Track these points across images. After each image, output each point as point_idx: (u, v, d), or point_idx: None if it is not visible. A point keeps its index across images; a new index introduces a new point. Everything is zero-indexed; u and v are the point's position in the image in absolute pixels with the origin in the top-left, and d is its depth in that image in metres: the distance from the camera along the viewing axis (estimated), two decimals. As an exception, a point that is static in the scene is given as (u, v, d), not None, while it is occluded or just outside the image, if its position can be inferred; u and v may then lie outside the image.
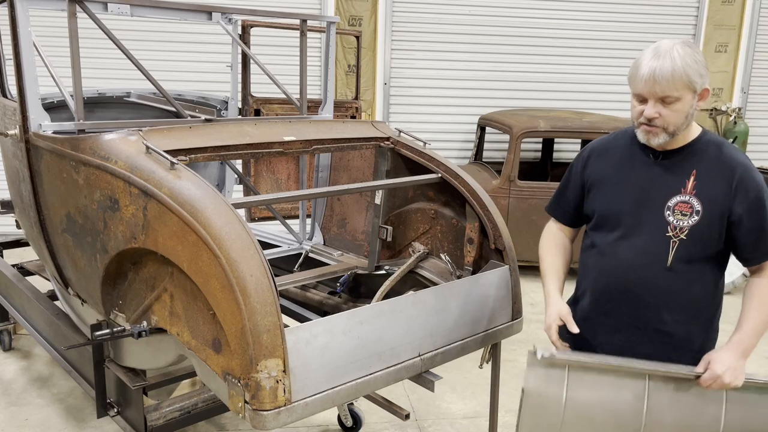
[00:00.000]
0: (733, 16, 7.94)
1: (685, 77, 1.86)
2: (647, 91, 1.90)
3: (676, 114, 1.90)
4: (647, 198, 2.02)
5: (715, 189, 1.95)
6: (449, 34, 7.49)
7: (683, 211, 1.96)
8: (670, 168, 2.01)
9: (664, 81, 1.86)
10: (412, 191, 3.16)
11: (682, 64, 1.85)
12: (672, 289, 2.01)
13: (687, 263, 1.99)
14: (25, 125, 2.71)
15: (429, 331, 2.39)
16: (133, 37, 5.59)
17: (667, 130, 1.93)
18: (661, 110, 1.90)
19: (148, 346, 2.67)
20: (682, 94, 1.88)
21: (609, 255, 2.09)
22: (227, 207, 2.05)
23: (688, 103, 1.90)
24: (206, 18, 3.41)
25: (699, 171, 1.97)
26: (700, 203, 1.95)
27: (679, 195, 1.97)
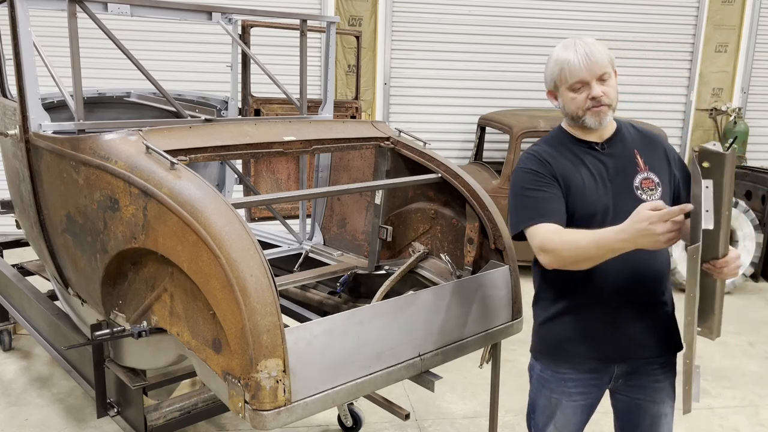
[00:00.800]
0: (733, 16, 7.94)
1: (608, 55, 2.05)
2: (588, 73, 2.01)
3: (613, 90, 2.06)
4: (616, 185, 2.09)
5: (657, 161, 2.12)
6: (449, 34, 7.49)
7: (649, 187, 2.09)
8: (616, 154, 2.12)
9: (596, 60, 2.01)
10: (412, 191, 3.16)
11: (600, 45, 2.04)
12: (663, 260, 2.16)
13: None
14: (25, 125, 2.71)
15: (429, 331, 2.39)
16: (133, 37, 5.59)
17: (611, 107, 2.07)
18: (603, 88, 2.04)
19: (148, 346, 2.67)
20: (610, 71, 2.05)
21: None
22: (227, 207, 2.04)
23: (615, 79, 2.07)
24: (206, 18, 3.41)
25: (638, 150, 2.13)
26: (657, 176, 2.10)
27: (639, 173, 2.09)
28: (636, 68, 7.77)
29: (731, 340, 5.03)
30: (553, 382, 2.24)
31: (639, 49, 7.78)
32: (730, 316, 5.56)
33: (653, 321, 2.16)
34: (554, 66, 2.06)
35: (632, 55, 7.76)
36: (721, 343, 4.91)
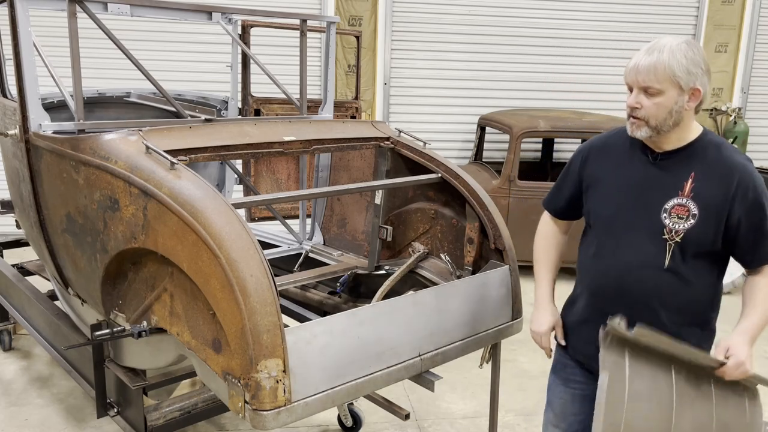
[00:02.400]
0: (733, 16, 7.94)
1: (668, 70, 1.85)
2: (632, 79, 1.92)
3: (657, 107, 1.89)
4: (644, 199, 2.00)
5: (714, 191, 1.92)
6: (449, 34, 7.49)
7: (680, 214, 1.94)
8: (667, 169, 1.99)
9: (644, 70, 1.88)
10: (412, 191, 3.16)
11: (668, 58, 1.85)
12: (668, 290, 2.00)
13: (684, 265, 1.98)
14: (25, 125, 2.71)
15: (429, 331, 2.39)
16: (133, 37, 5.58)
17: (648, 123, 1.92)
18: (642, 101, 1.90)
19: (148, 346, 2.67)
20: (664, 87, 1.87)
21: (606, 256, 2.09)
22: (227, 207, 2.04)
23: (671, 99, 1.88)
24: (206, 18, 3.41)
25: (697, 173, 1.95)
26: (697, 206, 1.93)
27: (677, 197, 1.95)
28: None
29: (731, 340, 5.02)
30: (558, 365, 2.34)
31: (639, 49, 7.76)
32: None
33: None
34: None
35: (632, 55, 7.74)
36: (721, 343, 4.90)
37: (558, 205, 2.31)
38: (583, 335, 2.18)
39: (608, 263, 2.08)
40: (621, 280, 2.04)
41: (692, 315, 2.05)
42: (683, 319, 2.04)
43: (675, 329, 2.02)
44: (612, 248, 2.07)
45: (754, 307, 1.99)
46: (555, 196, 2.32)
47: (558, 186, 2.30)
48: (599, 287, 2.12)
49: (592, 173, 2.15)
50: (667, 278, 1.99)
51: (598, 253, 2.12)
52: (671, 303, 2.02)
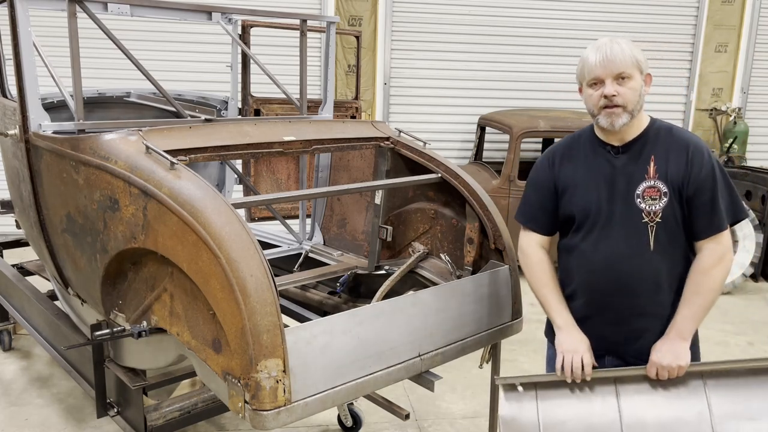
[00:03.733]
0: (733, 16, 7.94)
1: (632, 55, 2.02)
2: (603, 71, 2.02)
3: (632, 92, 2.03)
4: (616, 191, 2.10)
5: (673, 168, 2.05)
6: (449, 34, 7.49)
7: (652, 196, 2.05)
8: (630, 158, 2.10)
9: (617, 58, 2.01)
10: (412, 191, 3.16)
11: (627, 46, 2.03)
12: (660, 271, 2.08)
13: (669, 244, 2.07)
14: (25, 125, 2.71)
15: (429, 331, 2.39)
16: (133, 37, 5.58)
17: (626, 109, 2.03)
18: (618, 88, 2.02)
19: (148, 346, 2.67)
20: (633, 72, 2.02)
21: (594, 252, 2.14)
22: (227, 207, 2.04)
23: (638, 82, 2.04)
24: (206, 18, 3.41)
25: (656, 155, 2.07)
26: (665, 184, 2.04)
27: (645, 181, 2.06)
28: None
29: (731, 340, 5.03)
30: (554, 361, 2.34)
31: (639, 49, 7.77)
32: (730, 316, 5.56)
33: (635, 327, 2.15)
34: (580, 62, 2.10)
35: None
36: (721, 343, 4.91)
37: (542, 219, 2.28)
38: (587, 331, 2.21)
39: (597, 257, 2.14)
40: (613, 271, 2.11)
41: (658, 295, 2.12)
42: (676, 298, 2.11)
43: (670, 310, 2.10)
44: (598, 242, 2.13)
45: (685, 303, 2.07)
46: (534, 210, 2.30)
47: (532, 202, 2.30)
48: (594, 283, 2.17)
49: (565, 178, 2.21)
50: (655, 260, 2.07)
51: (586, 250, 2.17)
52: (664, 283, 2.09)
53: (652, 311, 2.12)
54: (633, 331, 2.15)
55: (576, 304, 2.24)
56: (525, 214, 2.33)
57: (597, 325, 2.20)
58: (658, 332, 2.12)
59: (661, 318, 2.12)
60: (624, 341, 2.18)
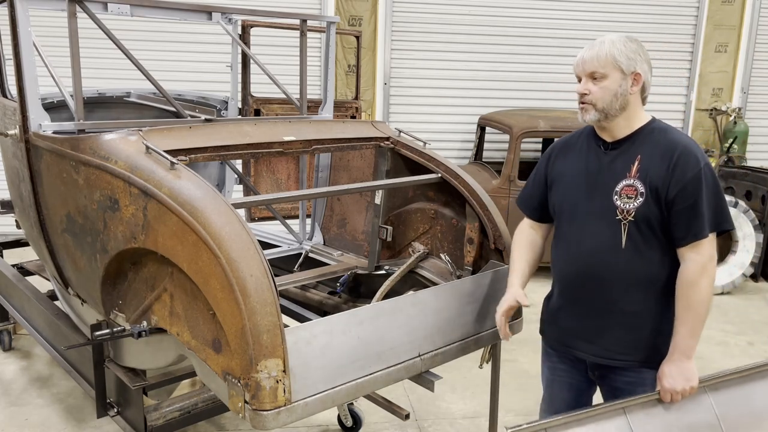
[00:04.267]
0: (733, 16, 7.94)
1: (609, 55, 2.03)
2: (578, 69, 2.09)
3: (603, 91, 2.05)
4: (598, 185, 2.12)
5: (656, 169, 2.03)
6: (449, 34, 7.49)
7: (629, 194, 2.05)
8: (618, 155, 2.11)
9: (589, 58, 2.05)
10: (412, 191, 3.16)
11: (609, 46, 2.04)
12: (631, 269, 2.08)
13: (643, 244, 2.06)
14: (25, 125, 2.71)
15: (429, 331, 2.39)
16: (133, 37, 5.58)
17: (596, 107, 2.06)
18: (590, 87, 2.06)
19: (148, 346, 2.67)
20: (608, 72, 2.03)
21: (569, 243, 2.20)
22: (227, 207, 2.04)
23: (615, 82, 2.04)
24: (206, 18, 3.41)
25: (643, 155, 2.07)
26: (644, 185, 2.03)
27: (625, 179, 2.07)
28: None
29: (731, 340, 5.03)
30: (545, 353, 2.44)
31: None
32: (730, 316, 5.56)
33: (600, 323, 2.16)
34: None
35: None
36: (721, 343, 4.91)
37: (531, 205, 2.39)
38: (558, 323, 2.30)
39: (571, 251, 2.19)
40: (584, 265, 2.14)
41: (655, 292, 2.10)
42: (647, 297, 2.10)
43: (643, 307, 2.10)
44: (574, 236, 2.18)
45: (680, 321, 2.05)
46: (528, 198, 2.41)
47: (528, 187, 2.41)
48: (566, 275, 2.23)
49: (554, 171, 2.28)
50: (627, 258, 2.07)
51: (563, 244, 2.23)
52: (633, 283, 2.09)
53: (620, 308, 2.12)
54: (598, 327, 2.16)
55: (554, 294, 2.31)
56: (520, 198, 2.45)
57: (567, 317, 2.25)
58: (624, 331, 2.12)
59: (630, 316, 2.12)
60: (589, 336, 2.19)
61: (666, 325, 2.10)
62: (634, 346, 2.14)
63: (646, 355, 2.14)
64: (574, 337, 2.24)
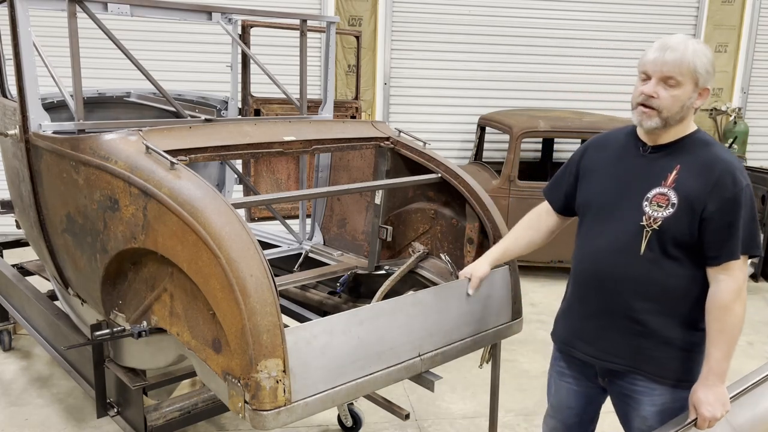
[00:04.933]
0: (733, 16, 7.94)
1: (691, 65, 1.92)
2: (652, 67, 1.95)
3: (673, 99, 1.94)
4: (629, 188, 2.07)
5: (694, 184, 1.96)
6: (449, 34, 7.49)
7: (660, 203, 1.99)
8: (656, 160, 2.04)
9: (672, 61, 1.92)
10: (412, 191, 3.16)
11: (692, 53, 1.92)
12: (643, 277, 2.03)
13: (660, 254, 2.01)
14: (25, 125, 2.71)
15: (429, 331, 2.39)
16: (133, 37, 5.58)
17: (660, 114, 1.96)
18: (660, 91, 1.95)
19: (148, 346, 2.67)
20: (684, 81, 1.93)
21: (586, 241, 2.17)
22: (227, 207, 2.04)
23: (687, 94, 1.95)
24: (206, 18, 3.41)
25: (683, 166, 1.99)
26: (677, 196, 1.97)
27: (659, 187, 2.00)
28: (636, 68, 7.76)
29: (731, 340, 5.02)
30: (554, 359, 2.39)
31: (639, 49, 7.76)
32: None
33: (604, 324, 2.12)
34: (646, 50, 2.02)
35: (632, 55, 7.76)
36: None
37: (557, 195, 2.35)
38: (565, 321, 2.29)
39: (587, 249, 2.17)
40: (596, 265, 2.12)
41: (669, 305, 2.05)
42: (658, 308, 2.05)
43: (650, 318, 2.05)
44: (593, 235, 2.14)
45: (712, 342, 2.00)
46: (554, 186, 2.37)
47: (557, 177, 2.37)
48: (579, 273, 2.21)
49: (587, 165, 2.23)
50: (641, 265, 2.03)
51: (581, 240, 2.21)
52: (646, 290, 2.04)
53: (624, 313, 2.07)
54: (599, 328, 2.14)
55: (568, 291, 2.29)
56: (547, 186, 2.41)
57: (575, 316, 2.24)
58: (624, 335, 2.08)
59: (633, 322, 2.06)
60: (589, 336, 2.17)
61: (673, 338, 2.05)
62: (633, 352, 2.09)
63: (647, 364, 2.09)
64: (575, 336, 2.23)
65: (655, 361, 2.08)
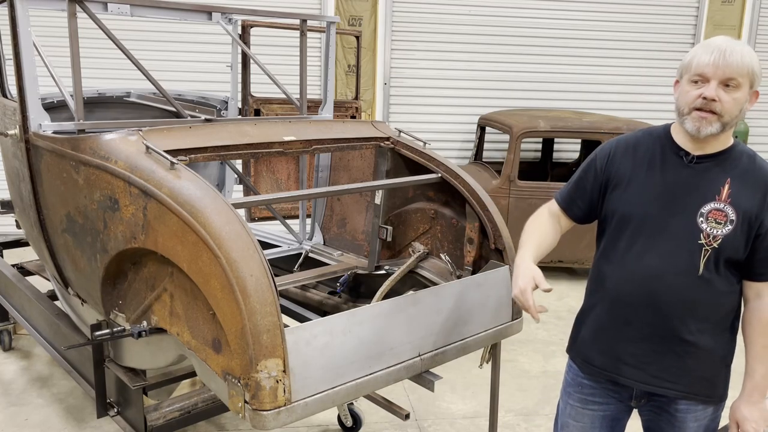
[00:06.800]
0: (733, 16, 7.93)
1: (750, 66, 1.83)
2: (713, 70, 1.82)
3: (734, 103, 1.83)
4: (678, 202, 1.93)
5: (748, 199, 1.88)
6: (449, 34, 7.49)
7: (717, 219, 1.88)
8: (703, 173, 1.92)
9: (734, 63, 1.81)
10: (412, 191, 3.16)
11: (749, 54, 1.84)
12: (700, 298, 1.93)
13: (717, 272, 1.92)
14: (25, 125, 2.71)
15: (429, 331, 2.39)
16: (133, 37, 5.59)
17: (722, 119, 1.84)
18: (721, 94, 1.83)
19: (148, 346, 2.67)
20: (743, 83, 1.83)
21: (629, 259, 1.99)
22: (227, 207, 2.05)
23: (744, 96, 1.85)
24: (206, 18, 3.41)
25: (733, 179, 1.89)
26: (735, 212, 1.87)
27: (714, 202, 1.89)
28: (636, 68, 7.77)
29: (731, 340, 5.02)
30: (572, 385, 2.21)
31: (639, 49, 7.78)
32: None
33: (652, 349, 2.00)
34: (690, 53, 1.90)
35: (632, 55, 7.77)
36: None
37: (578, 202, 2.15)
38: (600, 344, 2.09)
39: (631, 268, 1.99)
40: (650, 286, 1.95)
41: (721, 323, 1.98)
42: (711, 328, 1.96)
43: (702, 338, 1.96)
44: (640, 253, 1.97)
45: (756, 358, 1.95)
46: (574, 192, 2.17)
47: (576, 182, 2.16)
48: (623, 293, 2.01)
49: (619, 172, 2.04)
50: (699, 285, 1.91)
51: (623, 258, 2.01)
52: (702, 311, 1.94)
53: (677, 336, 1.96)
54: (649, 353, 2.00)
55: (597, 312, 2.09)
56: (562, 194, 2.20)
57: (613, 339, 2.05)
58: (676, 359, 1.98)
59: (686, 344, 1.96)
60: (638, 362, 2.02)
61: (721, 356, 2.00)
62: (684, 375, 1.99)
63: (697, 386, 2.00)
64: (620, 361, 2.04)
65: (705, 382, 2.00)
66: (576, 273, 5.99)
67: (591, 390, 2.15)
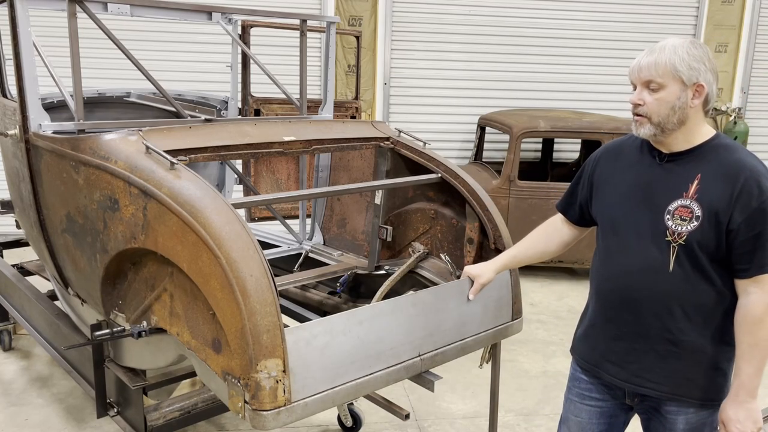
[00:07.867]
0: (733, 16, 7.94)
1: (668, 65, 1.86)
2: (634, 75, 1.94)
3: (659, 103, 1.87)
4: (648, 200, 1.96)
5: (718, 193, 1.85)
6: (449, 34, 7.49)
7: (683, 216, 1.89)
8: (674, 170, 1.94)
9: (646, 65, 1.89)
10: (412, 191, 3.16)
11: (669, 54, 1.87)
12: (675, 295, 1.93)
13: (691, 269, 1.91)
14: (25, 125, 2.71)
15: (429, 331, 2.39)
16: (133, 37, 5.59)
17: (651, 120, 1.89)
18: (645, 97, 1.90)
19: (148, 346, 2.67)
20: (665, 82, 1.87)
21: (609, 258, 2.05)
22: (227, 207, 2.05)
23: (674, 94, 1.87)
24: (206, 18, 3.41)
25: (704, 174, 1.89)
26: (701, 208, 1.86)
27: (681, 199, 1.90)
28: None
29: (731, 340, 5.02)
30: (572, 380, 2.26)
31: (639, 50, 7.72)
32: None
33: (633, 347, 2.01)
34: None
35: (632, 55, 7.72)
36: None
37: (571, 206, 2.26)
38: (589, 341, 2.15)
39: (610, 267, 2.04)
40: (623, 283, 2.00)
41: (701, 322, 1.96)
42: (692, 327, 1.95)
43: (684, 337, 1.95)
44: (616, 251, 2.02)
45: (743, 357, 1.92)
46: (569, 197, 2.28)
47: (571, 189, 2.27)
48: (604, 292, 2.07)
49: (601, 175, 2.13)
50: (672, 282, 1.92)
51: (604, 257, 2.08)
52: (678, 309, 1.94)
53: (656, 334, 1.96)
54: (630, 351, 2.02)
55: (590, 310, 2.16)
56: (560, 201, 2.32)
57: (599, 336, 2.10)
58: (658, 358, 1.98)
59: (666, 343, 1.96)
60: (619, 360, 2.04)
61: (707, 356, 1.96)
62: (667, 376, 1.99)
63: (683, 388, 1.99)
64: (604, 358, 2.09)
65: (690, 384, 1.98)
66: (576, 273, 6.00)
67: (588, 386, 2.20)
